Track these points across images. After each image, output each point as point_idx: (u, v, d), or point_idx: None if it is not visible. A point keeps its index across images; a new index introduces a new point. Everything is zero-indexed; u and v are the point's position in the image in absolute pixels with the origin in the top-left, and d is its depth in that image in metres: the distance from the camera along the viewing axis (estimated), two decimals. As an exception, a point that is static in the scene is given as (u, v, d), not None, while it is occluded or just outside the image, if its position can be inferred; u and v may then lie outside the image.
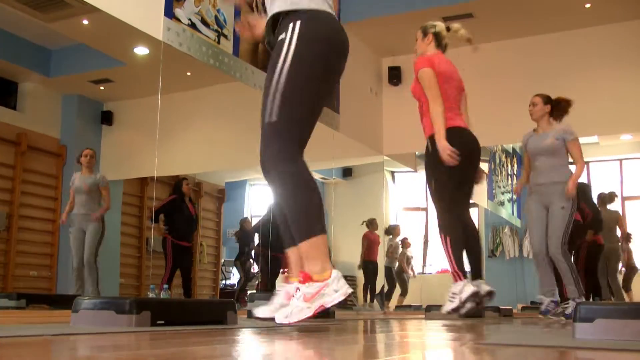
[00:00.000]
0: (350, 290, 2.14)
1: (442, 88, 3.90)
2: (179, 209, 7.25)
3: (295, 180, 2.19)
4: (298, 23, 2.26)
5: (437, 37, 4.03)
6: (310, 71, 2.24)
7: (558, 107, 4.87)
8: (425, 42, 4.06)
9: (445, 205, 3.87)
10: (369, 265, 9.33)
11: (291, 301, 2.15)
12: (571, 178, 4.70)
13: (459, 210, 3.92)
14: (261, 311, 2.26)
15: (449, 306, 3.81)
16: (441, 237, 3.88)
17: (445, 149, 3.73)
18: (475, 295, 3.74)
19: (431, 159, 3.89)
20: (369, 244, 9.35)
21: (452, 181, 3.84)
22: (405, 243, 10.26)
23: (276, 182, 2.23)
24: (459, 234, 3.87)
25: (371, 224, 9.34)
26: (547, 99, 4.91)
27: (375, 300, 9.56)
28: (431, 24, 4.11)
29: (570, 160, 4.88)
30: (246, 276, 9.88)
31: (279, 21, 2.36)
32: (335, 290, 2.10)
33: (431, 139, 3.87)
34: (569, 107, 4.87)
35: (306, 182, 2.20)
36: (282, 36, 2.29)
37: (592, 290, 6.58)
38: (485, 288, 3.83)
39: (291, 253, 2.31)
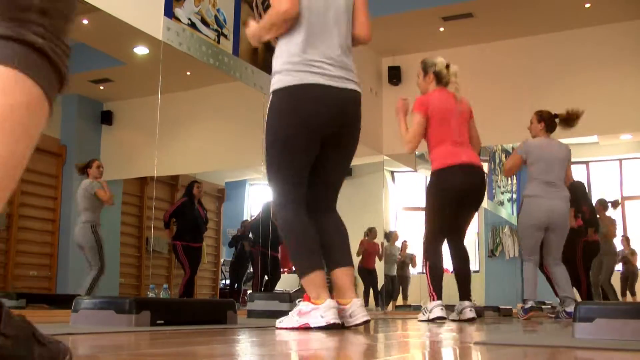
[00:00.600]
0: (334, 322, 2.40)
1: (439, 129, 4.05)
2: (189, 212, 7.33)
3: (287, 228, 2.61)
4: (269, 101, 2.61)
5: (438, 75, 4.13)
6: (276, 142, 2.58)
7: (566, 122, 4.92)
8: (427, 80, 4.19)
9: (432, 237, 4.09)
10: (364, 273, 9.34)
11: (290, 311, 2.56)
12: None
13: (449, 237, 4.13)
14: (282, 323, 2.55)
15: (420, 317, 4.03)
16: (423, 260, 4.19)
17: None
18: (440, 319, 3.90)
19: (427, 193, 4.16)
20: (365, 252, 9.38)
21: (441, 216, 4.04)
22: (403, 246, 10.28)
23: (279, 227, 2.70)
24: (438, 260, 4.08)
25: (370, 232, 9.39)
26: (539, 117, 4.99)
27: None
28: (431, 61, 4.20)
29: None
30: (239, 281, 9.91)
31: None
32: (321, 316, 2.41)
33: (431, 174, 4.12)
34: (576, 120, 4.89)
35: (299, 229, 2.58)
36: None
37: (575, 283, 6.57)
38: (467, 314, 4.01)
39: (302, 282, 2.64)
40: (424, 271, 4.09)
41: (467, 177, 4.02)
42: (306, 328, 2.42)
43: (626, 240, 9.45)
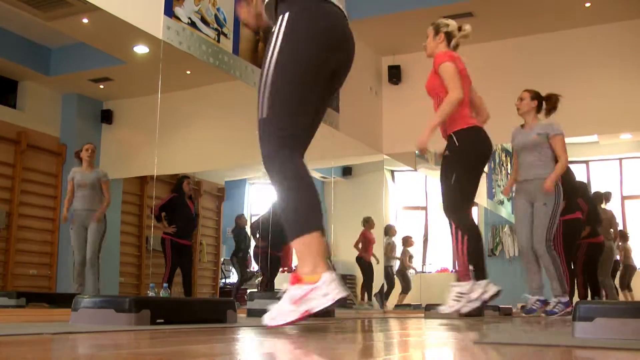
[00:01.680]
0: (340, 296, 1.97)
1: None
2: (179, 208, 7.24)
3: (287, 178, 2.12)
4: (287, 15, 2.19)
5: (449, 36, 4.03)
6: (295, 67, 2.17)
7: (547, 102, 4.88)
8: (437, 40, 4.05)
9: (461, 203, 3.90)
10: (365, 264, 9.36)
11: (278, 302, 2.05)
12: (551, 174, 4.70)
13: (469, 210, 3.96)
14: (269, 320, 2.12)
15: (454, 306, 3.82)
16: (458, 233, 3.85)
17: (424, 141, 3.81)
18: (482, 297, 3.77)
19: (455, 156, 3.92)
20: (364, 242, 9.40)
21: (471, 181, 3.91)
22: (408, 241, 10.24)
23: (272, 181, 2.17)
24: (477, 233, 3.90)
25: (367, 222, 9.38)
26: (534, 95, 4.93)
27: (374, 299, 9.56)
28: (444, 22, 4.11)
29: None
30: (243, 274, 9.88)
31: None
32: (324, 295, 1.96)
33: (457, 135, 3.89)
34: (557, 102, 4.86)
35: (299, 180, 2.12)
36: (273, 28, 2.25)
37: (592, 290, 6.57)
38: (493, 289, 3.87)
39: (299, 243, 2.17)
40: (458, 246, 3.82)
41: (487, 137, 3.97)
42: (308, 315, 1.99)
43: (622, 236, 9.44)
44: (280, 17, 2.21)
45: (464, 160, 3.87)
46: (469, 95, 4.02)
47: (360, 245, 9.43)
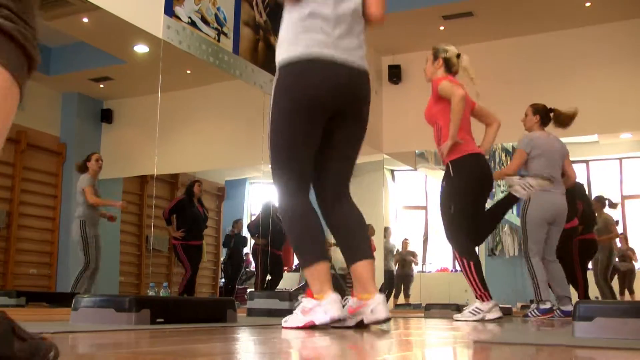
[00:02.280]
0: (337, 314, 2.32)
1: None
2: (188, 210, 7.30)
3: (289, 215, 2.47)
4: (275, 79, 2.45)
5: (447, 62, 4.02)
6: (282, 125, 2.44)
7: (555, 119, 4.89)
8: (435, 66, 4.05)
9: (463, 231, 3.90)
10: None
11: (294, 310, 2.45)
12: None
13: (473, 246, 3.99)
14: (286, 322, 2.44)
15: (469, 318, 3.86)
16: (463, 262, 3.92)
17: (444, 153, 3.85)
18: (499, 319, 3.83)
19: (452, 185, 3.92)
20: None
21: (471, 207, 3.91)
22: (404, 244, 10.25)
23: (280, 216, 2.57)
24: (478, 258, 3.98)
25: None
26: (535, 109, 4.93)
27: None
28: (443, 48, 4.10)
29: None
30: (235, 277, 9.90)
31: None
32: (325, 312, 2.32)
33: (453, 164, 3.89)
34: (567, 120, 4.85)
35: (299, 220, 2.45)
36: None
37: (582, 286, 6.53)
38: (496, 314, 3.91)
39: (308, 270, 2.50)
40: (467, 273, 3.88)
41: (486, 163, 4.01)
42: (311, 326, 2.32)
43: (624, 238, 9.44)
44: (275, 76, 2.46)
45: (460, 190, 3.88)
46: (467, 121, 4.03)
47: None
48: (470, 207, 3.89)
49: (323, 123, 2.47)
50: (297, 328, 2.32)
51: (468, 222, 3.89)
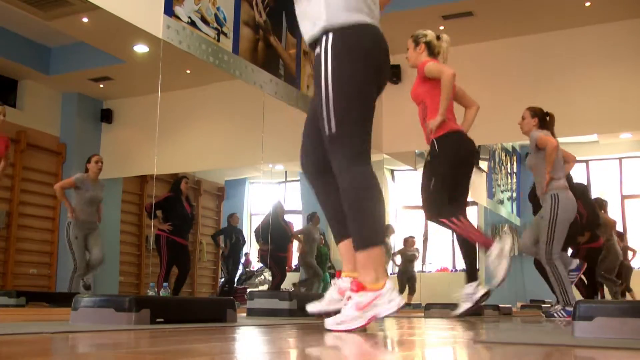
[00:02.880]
0: (403, 302, 2.13)
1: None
2: (175, 207, 7.16)
3: (362, 190, 2.19)
4: (330, 36, 2.25)
5: (429, 45, 4.11)
6: (352, 81, 2.24)
7: (550, 121, 4.90)
8: (418, 51, 4.16)
9: (444, 201, 3.94)
10: None
11: (343, 309, 2.16)
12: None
13: (456, 209, 3.97)
14: (312, 306, 2.27)
15: (465, 307, 3.90)
16: (452, 222, 3.89)
17: (435, 125, 3.91)
18: (486, 295, 3.86)
19: (436, 161, 3.99)
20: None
21: (456, 182, 3.97)
22: (409, 242, 10.18)
23: (347, 183, 2.22)
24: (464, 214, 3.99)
25: None
26: (534, 113, 4.92)
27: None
28: (422, 33, 4.20)
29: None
30: (230, 274, 9.86)
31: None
32: (389, 301, 2.10)
33: (438, 140, 3.96)
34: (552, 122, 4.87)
35: (372, 193, 2.20)
36: (317, 50, 2.30)
37: (594, 292, 6.57)
38: (481, 291, 3.92)
39: (342, 247, 2.30)
40: (459, 229, 3.85)
41: (469, 140, 4.06)
42: (374, 320, 2.13)
43: (619, 236, 9.43)
44: (324, 38, 2.26)
45: (445, 164, 3.96)
46: (452, 101, 4.09)
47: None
48: (451, 180, 3.95)
49: (377, 90, 2.36)
50: (361, 328, 2.11)
51: (447, 194, 3.93)
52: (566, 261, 4.85)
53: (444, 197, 3.93)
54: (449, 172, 3.93)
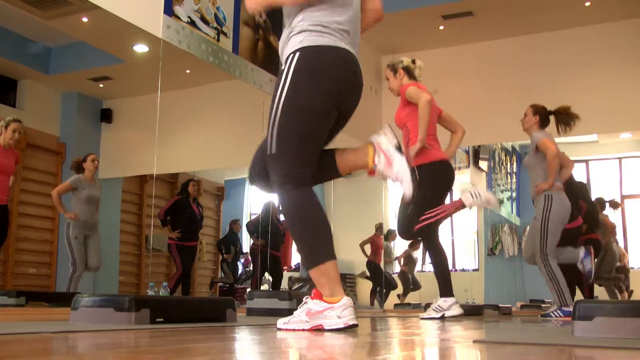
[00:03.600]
0: (352, 322, 2.15)
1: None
2: (184, 210, 7.27)
3: (296, 213, 2.24)
4: (297, 55, 2.25)
5: (407, 70, 4.17)
6: (303, 107, 2.24)
7: (556, 117, 4.89)
8: (398, 78, 4.21)
9: (427, 227, 4.04)
10: (376, 267, 9.39)
11: (295, 311, 2.25)
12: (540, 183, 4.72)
13: (435, 234, 4.11)
14: (284, 323, 2.27)
15: (431, 315, 3.98)
16: (422, 221, 4.03)
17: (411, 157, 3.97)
18: (459, 317, 3.93)
19: (416, 188, 4.04)
20: (372, 247, 9.46)
21: (428, 207, 4.04)
22: (415, 246, 10.19)
23: (283, 207, 2.29)
24: (440, 250, 4.15)
25: (379, 229, 9.46)
26: (536, 110, 4.91)
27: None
28: (397, 60, 4.28)
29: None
30: (234, 277, 9.90)
31: None
32: (338, 317, 2.15)
33: (419, 169, 3.99)
34: (570, 118, 4.85)
35: (306, 214, 2.24)
36: (282, 67, 2.30)
37: (589, 288, 6.56)
38: (455, 311, 3.99)
39: (311, 274, 2.32)
40: (439, 270, 4.04)
41: (450, 168, 4.14)
42: (318, 329, 2.16)
43: (616, 241, 9.43)
44: (291, 55, 2.26)
45: (422, 192, 4.01)
46: (434, 126, 4.16)
47: (368, 249, 9.48)
48: (428, 206, 4.03)
49: (335, 116, 2.35)
50: (301, 331, 2.16)
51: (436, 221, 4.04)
52: (571, 256, 4.85)
53: (425, 228, 4.04)
54: (428, 200, 4.00)
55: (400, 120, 4.17)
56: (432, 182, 3.99)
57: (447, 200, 4.40)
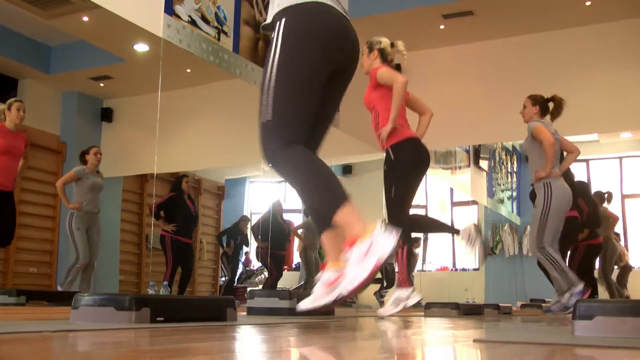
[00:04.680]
0: (398, 236, 1.94)
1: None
2: (178, 206, 7.21)
3: (299, 166, 2.13)
4: (283, 21, 2.22)
5: (382, 52, 4.15)
6: (294, 71, 2.19)
7: (553, 107, 4.90)
8: (371, 57, 4.18)
9: (403, 213, 4.04)
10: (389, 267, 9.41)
11: (347, 265, 1.99)
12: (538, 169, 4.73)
13: (408, 228, 4.08)
14: (302, 304, 2.13)
15: (391, 310, 3.90)
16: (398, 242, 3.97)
17: (384, 137, 3.97)
18: (418, 304, 3.92)
19: (393, 169, 4.07)
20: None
21: (409, 189, 4.07)
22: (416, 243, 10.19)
23: (285, 172, 2.18)
24: (412, 243, 4.11)
25: None
26: (534, 100, 4.92)
27: (375, 298, 9.56)
28: (377, 39, 4.21)
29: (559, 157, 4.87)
30: (233, 273, 9.87)
31: None
32: (386, 238, 1.93)
33: (393, 148, 4.02)
34: (560, 106, 4.88)
35: (310, 164, 2.12)
36: (272, 34, 2.27)
37: (592, 291, 6.57)
38: (415, 298, 3.94)
39: (324, 238, 2.20)
40: (399, 256, 3.98)
41: (423, 147, 4.11)
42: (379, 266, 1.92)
43: (617, 235, 9.43)
44: (278, 22, 2.24)
45: (400, 171, 4.04)
46: (404, 107, 4.14)
47: None
48: (409, 188, 4.04)
49: (332, 71, 2.27)
50: (374, 272, 1.92)
51: (406, 202, 4.05)
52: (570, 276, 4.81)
53: (405, 204, 4.04)
54: (408, 178, 4.02)
55: (370, 103, 4.15)
56: (407, 159, 3.99)
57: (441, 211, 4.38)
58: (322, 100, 2.29)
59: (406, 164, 4.00)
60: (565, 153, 5.08)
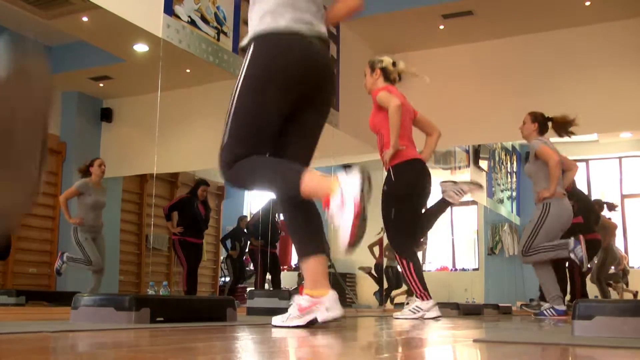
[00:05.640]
0: (340, 314, 2.26)
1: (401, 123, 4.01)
2: (189, 209, 7.33)
3: (245, 167, 2.26)
4: (251, 47, 2.33)
5: (385, 71, 4.12)
6: (251, 97, 2.32)
7: (554, 124, 4.91)
8: (374, 77, 4.17)
9: (403, 233, 4.04)
10: (381, 268, 9.42)
11: (290, 308, 2.33)
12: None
13: (411, 245, 4.09)
14: (275, 320, 2.34)
15: (408, 316, 3.93)
16: (403, 262, 4.03)
17: (386, 161, 4.02)
18: (439, 318, 3.90)
19: (393, 190, 4.05)
20: (381, 249, 9.54)
21: (411, 211, 4.04)
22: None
23: (244, 183, 2.36)
24: (418, 259, 4.11)
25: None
26: (534, 117, 4.92)
27: (374, 297, 9.57)
28: (378, 58, 4.22)
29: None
30: (236, 275, 9.89)
31: None
32: (326, 309, 2.24)
33: (394, 169, 4.02)
34: (567, 125, 4.87)
35: (254, 160, 2.26)
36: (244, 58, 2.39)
37: (580, 289, 6.53)
38: (434, 314, 3.96)
39: (302, 265, 2.39)
40: (405, 271, 4.00)
41: (424, 168, 4.09)
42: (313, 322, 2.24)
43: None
44: (248, 48, 2.35)
45: (401, 194, 4.02)
46: (408, 128, 4.12)
47: (377, 251, 9.52)
48: (410, 210, 4.03)
49: (294, 102, 2.36)
50: (297, 327, 2.22)
51: (407, 224, 4.02)
52: (561, 250, 4.82)
53: (403, 230, 4.02)
54: (407, 200, 4.00)
55: (375, 126, 4.14)
56: (406, 180, 3.97)
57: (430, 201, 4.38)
58: (294, 129, 2.40)
59: (405, 185, 3.99)
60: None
